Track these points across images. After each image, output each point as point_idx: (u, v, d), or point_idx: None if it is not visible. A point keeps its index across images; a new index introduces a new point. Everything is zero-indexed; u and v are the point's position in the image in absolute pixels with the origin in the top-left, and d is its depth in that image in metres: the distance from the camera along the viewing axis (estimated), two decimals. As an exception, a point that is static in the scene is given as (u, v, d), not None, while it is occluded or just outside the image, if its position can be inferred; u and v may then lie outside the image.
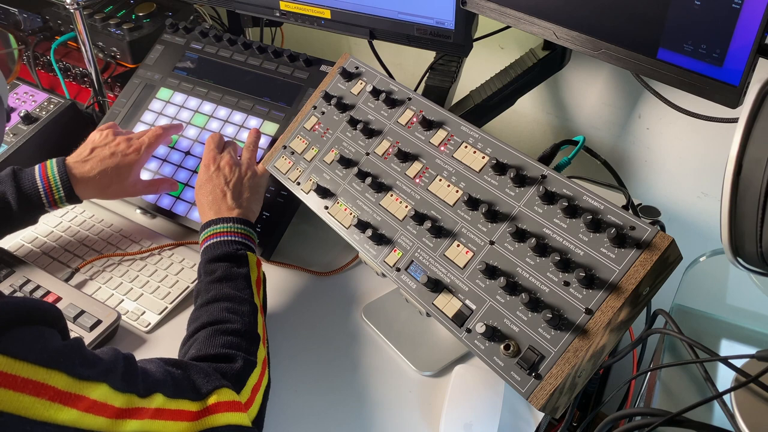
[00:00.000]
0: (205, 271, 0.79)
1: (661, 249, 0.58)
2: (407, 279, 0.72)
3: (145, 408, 0.57)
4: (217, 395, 0.63)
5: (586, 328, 0.59)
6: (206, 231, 0.83)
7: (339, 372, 0.82)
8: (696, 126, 0.92)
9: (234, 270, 0.78)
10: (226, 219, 0.84)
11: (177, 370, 0.64)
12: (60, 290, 0.86)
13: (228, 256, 0.79)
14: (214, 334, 0.71)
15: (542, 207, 0.66)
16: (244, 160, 0.93)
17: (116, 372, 0.57)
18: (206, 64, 1.13)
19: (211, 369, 0.66)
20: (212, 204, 0.87)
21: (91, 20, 1.24)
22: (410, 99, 0.82)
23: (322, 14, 1.07)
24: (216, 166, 0.91)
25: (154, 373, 0.61)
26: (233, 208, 0.86)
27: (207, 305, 0.75)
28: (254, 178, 0.91)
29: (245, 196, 0.88)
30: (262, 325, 0.76)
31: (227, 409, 0.64)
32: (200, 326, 0.73)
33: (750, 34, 0.62)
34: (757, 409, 0.66)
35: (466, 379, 0.78)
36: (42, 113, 1.13)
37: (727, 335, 0.80)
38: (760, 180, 0.50)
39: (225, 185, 0.88)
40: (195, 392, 0.63)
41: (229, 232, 0.82)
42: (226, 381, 0.66)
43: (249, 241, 0.83)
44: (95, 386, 0.54)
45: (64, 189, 0.89)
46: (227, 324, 0.72)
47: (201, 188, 0.90)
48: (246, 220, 0.85)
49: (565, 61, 1.05)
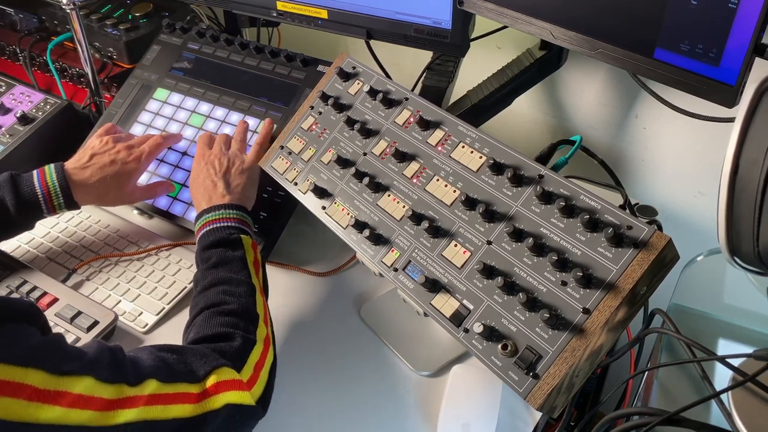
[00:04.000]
0: (201, 259, 0.79)
1: (659, 248, 0.58)
2: (405, 279, 0.72)
3: (138, 396, 0.57)
4: (216, 375, 0.63)
5: (584, 327, 0.59)
6: (200, 221, 0.83)
7: (337, 372, 0.82)
8: (693, 125, 0.92)
9: (228, 254, 0.78)
10: (217, 206, 0.84)
11: (172, 355, 0.63)
12: (57, 291, 0.86)
13: (221, 241, 0.79)
14: (211, 316, 0.71)
15: (539, 207, 0.66)
16: (233, 151, 0.94)
17: (101, 363, 0.56)
18: (203, 64, 1.13)
19: (209, 350, 0.66)
20: (204, 195, 0.87)
21: (88, 20, 1.23)
22: (407, 99, 0.82)
23: (319, 14, 1.07)
24: (205, 160, 0.91)
25: (144, 360, 0.61)
26: (224, 195, 0.86)
27: (204, 291, 0.75)
28: (243, 166, 0.91)
29: (237, 183, 0.89)
30: (262, 305, 0.76)
31: (228, 389, 0.63)
32: (198, 311, 0.73)
33: (746, 33, 0.62)
34: (754, 408, 0.66)
35: (464, 378, 0.78)
36: (38, 114, 1.13)
37: (725, 334, 0.80)
38: (756, 179, 0.50)
39: (215, 175, 0.89)
40: (192, 375, 0.62)
41: (221, 218, 0.82)
42: (225, 360, 0.65)
43: (243, 225, 0.83)
44: (78, 380, 0.53)
45: (64, 195, 0.89)
46: (224, 305, 0.72)
47: (193, 183, 0.91)
48: (238, 205, 0.85)
49: (562, 61, 1.05)
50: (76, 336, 0.80)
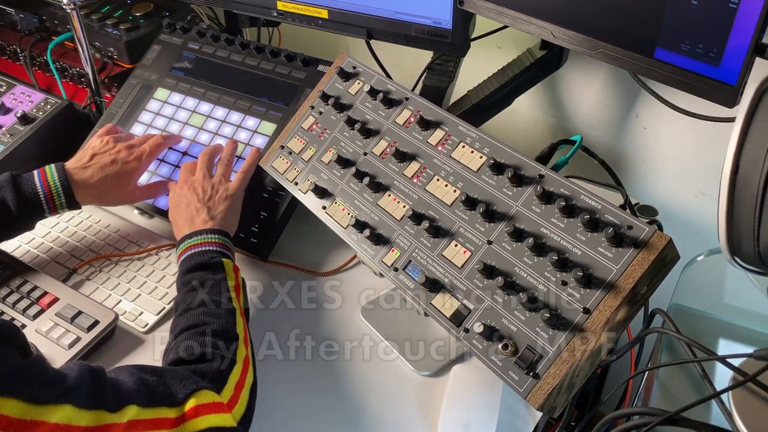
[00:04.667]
0: (182, 282, 0.79)
1: (659, 248, 0.58)
2: (405, 279, 0.72)
3: (116, 423, 0.56)
4: (196, 398, 0.62)
5: (584, 327, 0.59)
6: (182, 245, 0.83)
7: (337, 372, 0.82)
8: (693, 125, 0.92)
9: (209, 276, 0.77)
10: (200, 231, 0.83)
11: (152, 377, 0.62)
12: (57, 291, 0.86)
13: (202, 265, 0.79)
14: (191, 336, 0.70)
15: (540, 206, 0.66)
16: (217, 176, 0.93)
17: (81, 389, 0.54)
18: (203, 64, 1.13)
19: (188, 372, 0.65)
20: (187, 220, 0.86)
21: (88, 20, 1.23)
22: (408, 99, 0.82)
23: (320, 14, 1.07)
24: (188, 185, 0.91)
25: (126, 383, 0.60)
26: (207, 221, 0.85)
27: (184, 313, 0.74)
28: (227, 193, 0.90)
29: (219, 210, 0.88)
30: (242, 326, 0.75)
31: (208, 411, 0.62)
32: (178, 333, 0.72)
33: (747, 33, 0.62)
34: (754, 408, 0.66)
35: (465, 378, 0.78)
36: (39, 113, 1.13)
37: (725, 334, 0.80)
38: (757, 179, 0.50)
39: (198, 202, 0.88)
40: (172, 398, 0.61)
41: (203, 243, 0.82)
42: (205, 382, 0.65)
43: (224, 249, 0.82)
44: (56, 409, 0.51)
45: (65, 195, 0.89)
46: (204, 326, 0.71)
47: (176, 207, 0.90)
48: (220, 230, 0.84)
49: (563, 61, 1.05)
50: (77, 336, 0.80)
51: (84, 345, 0.80)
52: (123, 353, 0.83)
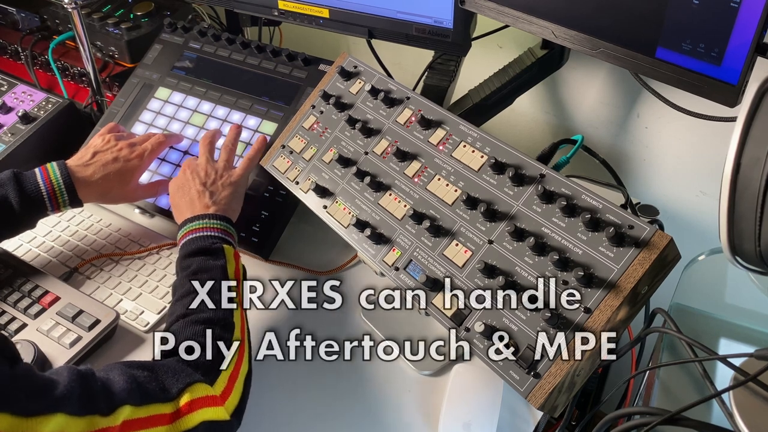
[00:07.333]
0: (181, 266, 0.78)
1: (660, 248, 0.58)
2: (406, 278, 0.72)
3: (111, 427, 0.55)
4: (190, 393, 0.62)
5: (585, 327, 0.59)
6: (183, 229, 0.82)
7: (337, 371, 0.82)
8: (694, 125, 0.92)
9: (209, 262, 0.76)
10: (201, 216, 0.82)
11: (144, 373, 0.62)
12: (58, 290, 0.86)
13: (203, 249, 0.78)
14: (187, 324, 0.69)
15: (541, 206, 0.66)
16: (221, 162, 0.92)
17: (72, 396, 0.54)
18: (205, 63, 1.13)
19: (180, 365, 0.64)
20: (188, 204, 0.86)
21: (89, 19, 1.23)
22: (409, 98, 0.82)
23: (321, 13, 1.07)
24: (191, 169, 0.90)
25: (117, 382, 0.59)
26: (209, 206, 0.85)
27: (182, 299, 0.73)
28: (231, 179, 0.90)
29: (222, 195, 0.87)
30: (239, 315, 0.74)
31: (202, 405, 0.62)
32: (174, 319, 0.71)
33: (748, 32, 0.62)
34: (755, 407, 0.66)
35: (465, 378, 0.78)
36: (40, 113, 1.13)
37: (726, 334, 0.80)
38: (758, 179, 0.50)
39: (201, 186, 0.87)
40: (165, 393, 0.61)
41: (204, 227, 0.81)
42: (198, 374, 0.64)
43: (226, 236, 0.81)
44: (48, 419, 0.51)
45: (68, 192, 0.89)
46: (200, 314, 0.70)
47: (177, 191, 0.89)
48: (223, 216, 0.84)
49: (564, 61, 1.05)
50: (78, 335, 0.80)
51: (85, 344, 0.80)
52: (124, 352, 0.83)
